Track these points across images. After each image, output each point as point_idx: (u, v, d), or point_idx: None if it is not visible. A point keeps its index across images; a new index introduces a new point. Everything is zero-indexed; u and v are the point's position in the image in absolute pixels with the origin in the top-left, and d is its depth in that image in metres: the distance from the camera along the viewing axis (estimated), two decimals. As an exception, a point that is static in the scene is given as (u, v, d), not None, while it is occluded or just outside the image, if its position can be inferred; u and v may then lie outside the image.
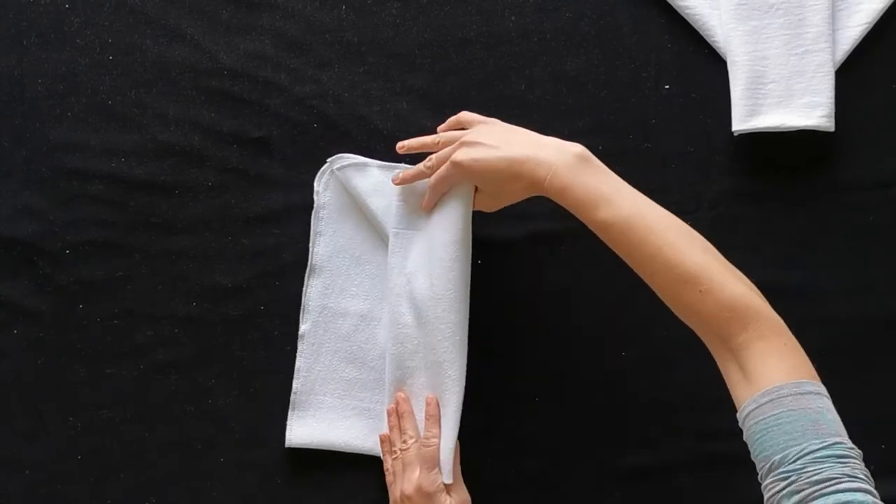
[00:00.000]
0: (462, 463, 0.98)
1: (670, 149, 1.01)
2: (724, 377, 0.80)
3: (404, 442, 0.92)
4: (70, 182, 1.01)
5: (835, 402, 0.93)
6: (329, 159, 0.98)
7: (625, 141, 1.01)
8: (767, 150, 1.00)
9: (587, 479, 0.98)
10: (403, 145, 0.94)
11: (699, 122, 1.01)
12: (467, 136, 0.87)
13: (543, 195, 0.85)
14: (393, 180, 0.93)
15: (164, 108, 1.02)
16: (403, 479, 0.90)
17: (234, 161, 1.01)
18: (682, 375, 0.99)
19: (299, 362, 0.98)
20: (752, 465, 0.93)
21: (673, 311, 0.83)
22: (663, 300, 0.83)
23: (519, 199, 0.89)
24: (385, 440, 0.95)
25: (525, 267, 1.00)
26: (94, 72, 1.02)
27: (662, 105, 1.01)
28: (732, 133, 0.99)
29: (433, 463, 0.90)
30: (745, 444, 0.93)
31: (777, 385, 0.74)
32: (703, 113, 1.01)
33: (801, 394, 0.74)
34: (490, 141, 0.85)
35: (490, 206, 0.91)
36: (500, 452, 1.00)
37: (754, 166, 1.00)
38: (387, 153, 1.00)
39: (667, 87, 1.01)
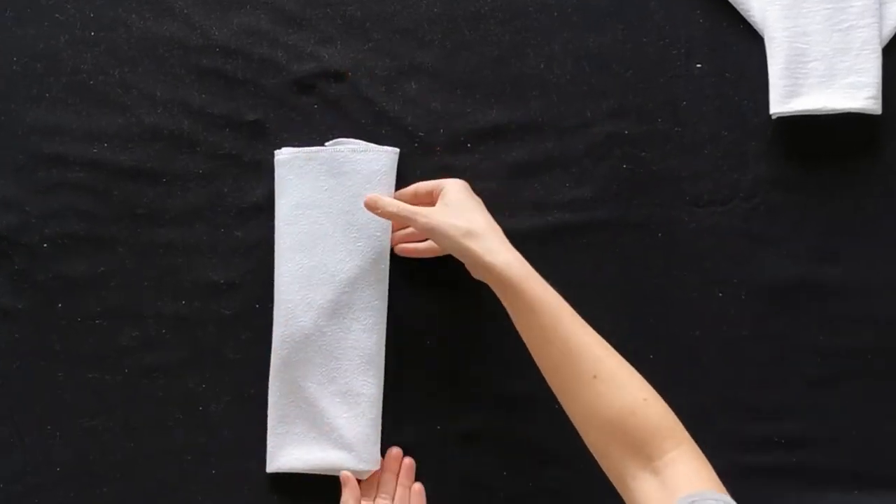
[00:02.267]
0: (477, 474, 1.01)
1: (702, 133, 1.01)
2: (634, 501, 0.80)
3: None
4: (48, 169, 1.02)
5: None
6: (328, 143, 0.99)
7: (652, 124, 1.01)
8: (808, 134, 1.00)
9: (610, 490, 0.94)
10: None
11: (734, 104, 1.01)
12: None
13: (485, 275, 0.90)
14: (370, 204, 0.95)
15: (151, 88, 1.02)
16: None
17: (226, 146, 1.02)
18: (716, 380, 1.01)
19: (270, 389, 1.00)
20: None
21: (589, 425, 0.84)
22: (588, 411, 0.84)
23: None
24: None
25: (543, 261, 0.94)
26: (74, 49, 1.02)
27: (693, 85, 1.01)
28: (770, 116, 1.00)
29: None
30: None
31: (700, 490, 0.77)
32: (737, 94, 1.01)
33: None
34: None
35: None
36: (516, 462, 1.01)
37: (794, 152, 1.01)
38: (393, 137, 1.01)
39: (698, 65, 1.01)
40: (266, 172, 1.01)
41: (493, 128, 1.02)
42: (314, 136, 1.01)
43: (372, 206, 0.93)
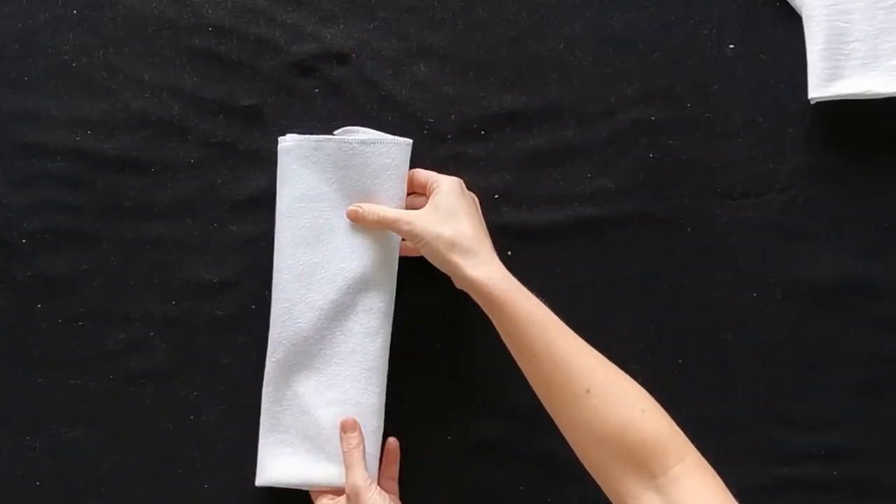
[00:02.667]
0: (490, 488, 1.01)
1: (735, 120, 1.01)
2: None
3: None
4: (27, 159, 1.01)
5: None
6: (337, 132, 0.98)
7: (682, 110, 1.01)
8: (849, 120, 1.00)
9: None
10: None
11: (769, 88, 1.01)
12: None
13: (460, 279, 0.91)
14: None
15: (138, 71, 1.01)
16: None
17: (220, 133, 1.01)
18: (750, 387, 1.01)
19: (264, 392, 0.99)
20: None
21: (586, 442, 0.84)
22: (583, 427, 0.84)
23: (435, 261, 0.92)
24: None
25: (562, 258, 1.01)
26: (55, 29, 1.02)
27: (726, 68, 1.01)
28: (808, 101, 1.00)
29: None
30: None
31: None
32: (773, 77, 1.01)
33: None
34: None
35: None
36: (532, 475, 1.01)
37: (834, 140, 1.01)
38: (400, 124, 1.01)
39: (731, 46, 1.01)
40: (263, 162, 1.01)
41: (508, 114, 1.02)
42: (315, 122, 1.01)
43: (354, 218, 0.95)
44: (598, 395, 0.83)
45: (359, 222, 0.94)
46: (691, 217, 1.01)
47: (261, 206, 1.00)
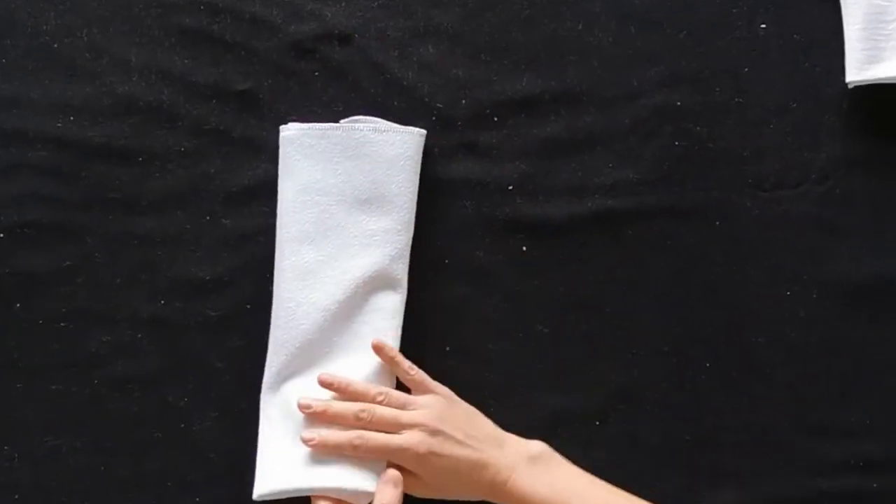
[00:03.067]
0: None
1: (767, 105, 1.01)
2: None
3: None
4: (5, 147, 1.00)
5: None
6: (343, 121, 0.97)
7: (710, 95, 1.01)
8: (890, 106, 1.00)
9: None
10: (331, 382, 0.93)
11: (804, 72, 1.01)
12: (427, 418, 0.91)
13: (494, 501, 0.92)
14: (307, 441, 0.92)
15: (125, 52, 1.01)
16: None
17: (213, 120, 1.01)
18: (783, 392, 1.00)
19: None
20: None
21: None
22: None
23: (462, 499, 0.93)
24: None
25: (581, 254, 1.00)
26: (34, 7, 1.01)
27: (757, 49, 1.01)
28: (846, 85, 0.99)
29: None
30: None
31: None
32: (808, 60, 1.01)
33: None
34: (455, 432, 0.91)
35: (422, 493, 0.93)
36: None
37: (874, 127, 1.00)
38: (407, 109, 1.00)
39: (763, 26, 1.01)
40: (259, 151, 1.00)
41: (523, 99, 1.01)
42: (315, 107, 1.00)
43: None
44: None
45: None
46: (720, 210, 1.00)
47: (257, 198, 0.99)
